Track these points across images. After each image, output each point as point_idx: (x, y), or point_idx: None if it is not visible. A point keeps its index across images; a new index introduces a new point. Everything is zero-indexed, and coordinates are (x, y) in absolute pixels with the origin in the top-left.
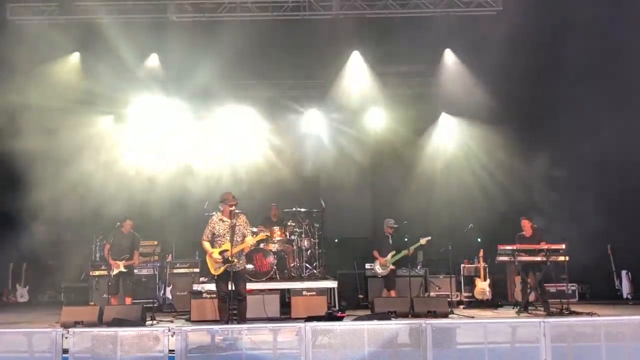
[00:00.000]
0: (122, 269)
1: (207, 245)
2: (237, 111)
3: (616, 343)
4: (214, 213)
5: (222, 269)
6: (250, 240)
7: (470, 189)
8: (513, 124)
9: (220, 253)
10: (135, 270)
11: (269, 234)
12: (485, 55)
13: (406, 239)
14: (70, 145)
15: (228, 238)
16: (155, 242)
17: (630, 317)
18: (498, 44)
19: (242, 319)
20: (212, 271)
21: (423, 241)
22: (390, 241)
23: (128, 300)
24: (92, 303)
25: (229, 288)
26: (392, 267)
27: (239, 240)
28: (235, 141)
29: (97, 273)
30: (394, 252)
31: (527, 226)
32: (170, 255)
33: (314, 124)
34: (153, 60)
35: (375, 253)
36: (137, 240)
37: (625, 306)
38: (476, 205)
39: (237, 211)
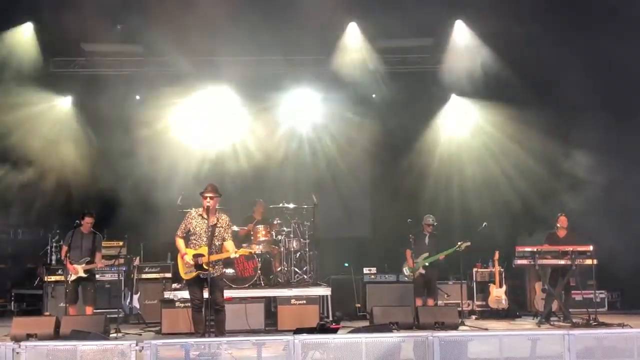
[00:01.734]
0: (82, 274)
1: (180, 243)
2: (215, 92)
3: None
4: (189, 209)
5: (193, 274)
6: (230, 251)
7: (484, 182)
8: (536, 106)
9: (194, 256)
10: (97, 276)
11: (252, 251)
12: (503, 27)
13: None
14: (21, 129)
15: (205, 240)
16: (121, 243)
17: None
18: (519, 14)
19: (220, 331)
20: (182, 274)
21: (462, 246)
22: (427, 241)
23: (89, 310)
24: (48, 313)
25: (204, 295)
26: (422, 270)
27: (217, 244)
28: (213, 126)
29: (53, 278)
30: (426, 255)
31: (564, 224)
32: (137, 258)
33: (304, 107)
34: (116, 35)
35: (408, 253)
36: (99, 240)
37: None
38: (491, 200)
39: (218, 207)
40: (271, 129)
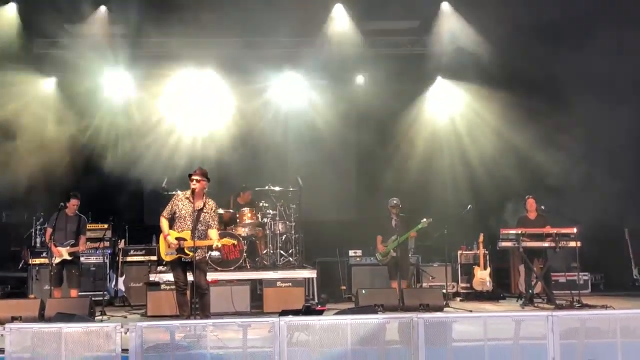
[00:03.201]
0: (66, 257)
1: (164, 223)
2: (199, 73)
3: (633, 339)
4: (175, 192)
5: (173, 256)
6: (214, 239)
7: (469, 165)
8: (521, 89)
9: (177, 239)
10: (82, 258)
11: (235, 242)
12: (490, 9)
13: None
14: (3, 111)
15: (190, 224)
16: (106, 226)
17: None
18: None
19: (205, 314)
20: (163, 255)
21: (424, 223)
22: (393, 224)
23: (74, 293)
24: (32, 296)
25: (189, 278)
26: (393, 253)
27: (202, 229)
28: (197, 108)
29: (37, 261)
30: (394, 237)
31: (533, 207)
32: (122, 240)
33: (288, 90)
34: (101, 14)
35: (379, 239)
36: (84, 223)
37: None
38: (476, 183)
39: (205, 190)
40: (256, 111)
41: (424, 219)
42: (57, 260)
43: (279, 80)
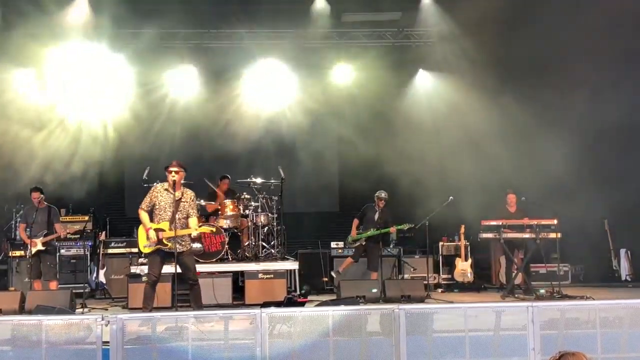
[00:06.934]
0: (40, 247)
1: (144, 216)
2: (180, 64)
3: (613, 330)
4: (156, 183)
5: (152, 248)
6: (193, 228)
7: (449, 157)
8: (503, 79)
9: (155, 230)
10: (63, 251)
11: (214, 229)
12: (471, 1)
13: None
14: None
15: (169, 215)
16: (86, 217)
17: (629, 301)
18: None
19: (197, 305)
20: (141, 248)
21: (405, 226)
22: (375, 216)
23: (53, 285)
24: (13, 288)
25: (161, 271)
26: (362, 242)
27: (182, 219)
28: (177, 99)
29: (17, 253)
30: (372, 229)
31: (513, 201)
32: (103, 232)
33: (271, 81)
34: (81, 4)
35: (355, 222)
36: (55, 212)
37: (623, 289)
38: (457, 174)
39: (183, 182)
40: (237, 104)
41: (406, 224)
42: (32, 251)
43: (260, 71)
